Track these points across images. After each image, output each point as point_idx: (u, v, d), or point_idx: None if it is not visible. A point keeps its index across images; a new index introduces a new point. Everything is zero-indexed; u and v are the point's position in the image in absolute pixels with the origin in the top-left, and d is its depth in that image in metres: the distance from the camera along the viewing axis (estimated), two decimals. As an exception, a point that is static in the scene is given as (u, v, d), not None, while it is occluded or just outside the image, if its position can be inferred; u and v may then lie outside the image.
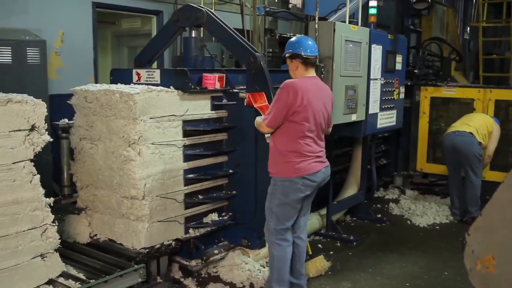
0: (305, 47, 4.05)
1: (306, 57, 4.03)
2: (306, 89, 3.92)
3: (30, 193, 3.67)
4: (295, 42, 4.12)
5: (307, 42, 4.10)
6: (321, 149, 4.11)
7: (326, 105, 4.11)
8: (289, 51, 4.10)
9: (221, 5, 8.70)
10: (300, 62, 4.06)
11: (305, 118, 3.91)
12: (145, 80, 4.87)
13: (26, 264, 3.67)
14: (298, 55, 4.04)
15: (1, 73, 5.55)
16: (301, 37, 4.24)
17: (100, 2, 7.20)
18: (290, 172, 3.98)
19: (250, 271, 4.72)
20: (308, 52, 4.04)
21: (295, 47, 4.08)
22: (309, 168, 3.98)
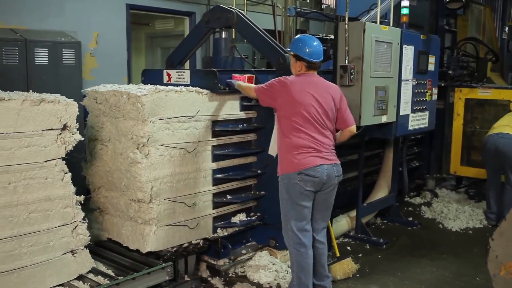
0: (312, 52, 4.03)
1: (312, 62, 4.04)
2: (295, 83, 3.98)
3: (62, 190, 3.76)
4: (302, 44, 4.07)
5: (313, 45, 4.05)
6: (323, 144, 3.99)
7: (322, 100, 4.01)
8: (296, 53, 4.07)
9: (253, 6, 8.73)
10: (305, 65, 4.07)
11: (294, 112, 3.92)
12: (176, 81, 4.93)
13: (57, 259, 3.76)
14: (303, 59, 4.04)
15: (38, 74, 5.71)
16: (308, 38, 4.16)
17: (133, 3, 7.33)
18: (287, 167, 3.97)
19: (277, 272, 4.72)
20: (314, 58, 4.04)
21: (302, 50, 4.04)
22: (305, 163, 3.91)
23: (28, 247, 3.58)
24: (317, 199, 4.08)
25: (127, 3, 7.23)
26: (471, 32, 9.36)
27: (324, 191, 4.05)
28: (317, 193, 4.04)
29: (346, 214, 5.96)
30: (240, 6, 7.66)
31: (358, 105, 4.81)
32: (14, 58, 5.51)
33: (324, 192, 4.06)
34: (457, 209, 6.91)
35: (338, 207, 5.98)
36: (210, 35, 5.50)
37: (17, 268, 3.53)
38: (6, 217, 3.45)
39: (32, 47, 5.64)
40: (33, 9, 6.12)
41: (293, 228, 4.04)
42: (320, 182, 3.96)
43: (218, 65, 5.28)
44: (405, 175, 6.70)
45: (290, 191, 3.98)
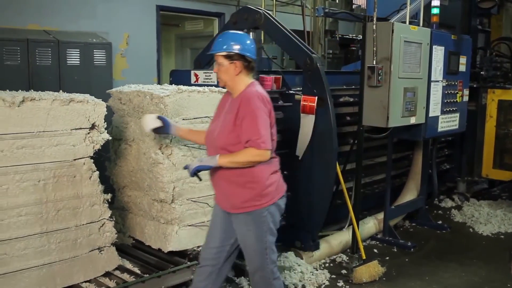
0: (249, 46, 3.29)
1: (251, 60, 3.30)
2: (268, 98, 3.32)
3: (90, 188, 3.83)
4: (237, 38, 3.29)
5: (249, 41, 3.34)
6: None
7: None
8: (229, 50, 3.23)
9: (283, 6, 8.73)
10: (244, 66, 3.27)
11: (274, 132, 3.37)
12: (203, 81, 4.97)
13: (85, 256, 3.83)
14: (243, 56, 3.25)
15: (70, 74, 5.84)
16: (242, 33, 3.48)
17: (164, 5, 7.42)
18: (277, 193, 3.36)
19: (302, 273, 4.71)
20: (253, 55, 3.32)
21: (250, 49, 3.29)
22: (283, 185, 3.47)
23: (56, 243, 3.66)
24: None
25: (157, 4, 7.32)
26: (506, 31, 9.15)
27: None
28: None
29: (373, 216, 5.90)
30: (269, 7, 7.67)
31: (386, 106, 4.76)
32: (47, 59, 5.65)
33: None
34: (488, 213, 6.76)
35: (365, 209, 5.94)
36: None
37: (46, 264, 3.61)
38: (36, 214, 3.54)
39: (65, 48, 5.77)
40: (65, 11, 6.26)
41: (274, 260, 3.44)
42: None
43: (245, 66, 5.28)
44: (434, 177, 6.58)
45: (276, 220, 3.41)
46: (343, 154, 5.33)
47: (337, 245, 5.26)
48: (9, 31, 5.54)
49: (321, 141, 4.76)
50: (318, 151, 4.81)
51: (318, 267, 4.96)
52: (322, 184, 4.85)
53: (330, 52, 7.71)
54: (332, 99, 4.77)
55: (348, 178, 5.36)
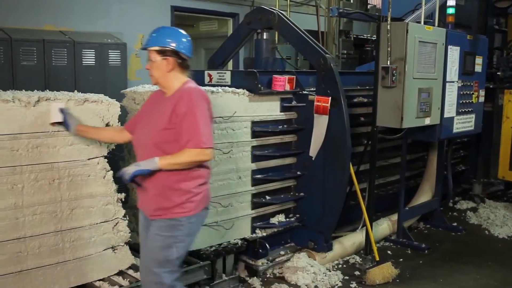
0: (185, 44, 3.13)
1: (186, 57, 3.14)
2: (207, 96, 3.17)
3: (103, 188, 3.86)
4: (172, 34, 3.14)
5: (185, 37, 3.17)
6: None
7: None
8: (163, 45, 3.08)
9: (297, 7, 8.71)
10: (178, 63, 3.13)
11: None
12: (217, 81, 4.98)
13: (98, 255, 3.86)
14: (177, 53, 3.10)
15: (86, 74, 5.89)
16: (178, 30, 3.25)
17: (178, 5, 7.44)
18: (202, 203, 3.15)
19: (315, 274, 4.69)
20: (188, 51, 3.15)
21: (184, 44, 3.13)
22: (209, 195, 3.27)
23: (71, 242, 3.69)
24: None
25: (171, 5, 7.36)
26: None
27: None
28: None
29: (387, 217, 5.86)
30: (283, 7, 7.66)
31: (400, 107, 4.73)
32: (63, 59, 5.71)
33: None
34: (504, 215, 6.67)
35: (379, 211, 5.91)
36: (252, 36, 5.53)
37: (60, 262, 3.64)
38: (50, 212, 3.57)
39: (80, 48, 5.82)
40: (81, 12, 6.31)
41: (176, 274, 3.17)
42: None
43: (259, 66, 5.30)
44: (449, 179, 6.53)
45: (193, 231, 3.18)
46: (357, 155, 5.31)
47: (351, 246, 5.24)
48: (26, 32, 5.61)
49: (335, 141, 4.75)
50: (332, 152, 4.80)
51: (331, 268, 4.94)
52: (335, 185, 4.83)
53: (345, 52, 7.69)
54: (346, 99, 4.75)
55: (362, 179, 5.33)
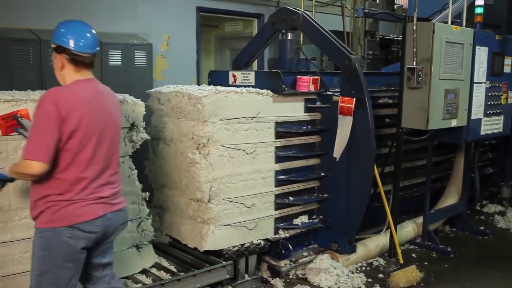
0: (77, 37, 2.82)
1: (76, 53, 2.81)
2: (77, 98, 2.74)
3: (128, 187, 3.91)
4: (62, 28, 2.86)
5: (81, 30, 2.87)
6: (106, 182, 2.87)
7: (116, 117, 2.98)
8: (53, 42, 2.85)
9: (323, 7, 8.67)
10: (66, 59, 2.82)
11: (81, 142, 2.73)
12: (241, 82, 4.99)
13: (123, 253, 3.92)
14: (65, 49, 2.81)
15: (112, 75, 5.95)
16: (74, 22, 2.94)
17: (203, 6, 7.48)
18: (55, 219, 2.76)
19: (338, 276, 4.66)
20: (81, 47, 2.81)
21: (61, 36, 2.83)
22: (80, 214, 2.77)
23: (96, 240, 3.75)
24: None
25: (197, 6, 7.39)
26: (555, 32, 8.78)
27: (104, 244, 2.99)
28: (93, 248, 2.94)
29: (412, 220, 5.79)
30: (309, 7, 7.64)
31: (426, 108, 4.66)
32: (90, 60, 5.77)
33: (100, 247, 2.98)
34: (534, 219, 6.54)
35: (404, 213, 5.85)
36: (276, 36, 5.53)
37: (85, 260, 3.70)
38: (76, 210, 3.62)
39: (107, 49, 5.89)
40: (108, 13, 6.39)
41: None
42: (99, 236, 2.87)
43: (283, 67, 5.29)
44: (477, 181, 6.41)
45: (50, 249, 2.77)
46: (382, 157, 5.26)
47: (374, 249, 5.19)
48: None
49: (359, 143, 4.71)
50: (356, 153, 4.76)
51: (354, 270, 4.91)
52: (359, 186, 4.79)
53: (370, 53, 7.62)
54: (371, 100, 4.71)
55: (387, 181, 5.28)
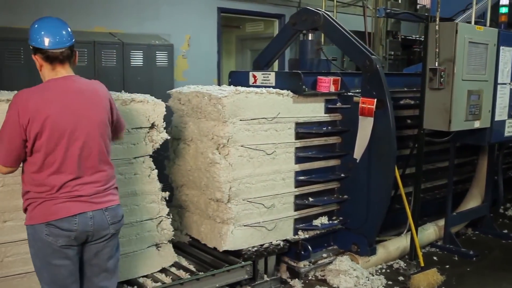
0: (48, 34, 2.78)
1: (49, 50, 2.77)
2: (43, 99, 2.71)
3: (148, 186, 3.94)
4: (35, 28, 2.82)
5: (50, 26, 2.82)
6: (87, 181, 2.83)
7: (93, 115, 2.85)
8: (29, 43, 2.83)
9: (344, 7, 8.63)
10: (41, 57, 2.80)
11: (48, 143, 2.71)
12: (261, 82, 4.99)
13: (143, 252, 3.95)
14: (38, 48, 2.79)
15: (134, 75, 6.03)
16: (44, 19, 2.89)
17: (225, 7, 7.50)
18: (32, 217, 2.80)
19: (357, 278, 4.63)
20: (52, 43, 2.77)
21: (34, 36, 2.80)
22: (55, 211, 2.75)
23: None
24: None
25: (218, 6, 7.42)
26: None
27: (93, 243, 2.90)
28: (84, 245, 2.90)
29: (434, 222, 5.72)
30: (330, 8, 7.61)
31: (448, 109, 4.60)
32: (112, 60, 5.85)
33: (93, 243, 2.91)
34: (560, 223, 6.41)
35: (425, 215, 5.78)
36: (297, 37, 5.51)
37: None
38: (97, 209, 3.67)
39: (129, 49, 5.96)
40: (131, 14, 6.46)
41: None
42: (80, 235, 2.81)
43: (303, 67, 5.28)
44: (500, 184, 6.29)
45: (37, 246, 2.81)
46: (403, 158, 5.20)
47: (395, 251, 5.14)
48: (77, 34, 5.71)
49: (380, 144, 4.67)
50: (377, 154, 4.72)
51: (374, 273, 4.87)
52: (380, 188, 4.75)
53: (392, 53, 7.55)
54: (392, 101, 4.67)
55: (408, 183, 5.22)
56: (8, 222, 3.31)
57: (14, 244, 3.35)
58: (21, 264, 3.38)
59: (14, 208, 3.31)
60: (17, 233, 3.32)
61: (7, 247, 3.33)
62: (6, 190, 3.29)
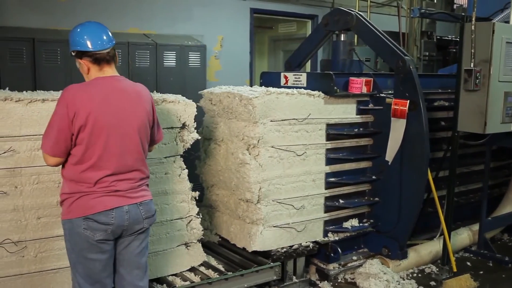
0: (93, 37, 2.90)
1: (96, 52, 2.89)
2: (89, 94, 2.82)
3: (178, 185, 3.98)
4: (77, 33, 2.93)
5: (93, 30, 2.94)
6: (123, 178, 2.91)
7: (133, 115, 2.94)
8: (73, 48, 2.94)
9: (378, 8, 8.53)
10: (89, 60, 2.91)
11: (90, 137, 2.81)
12: (292, 83, 4.98)
13: (172, 250, 3.99)
14: (85, 52, 2.90)
15: (167, 76, 6.10)
16: (85, 24, 3.00)
17: (257, 8, 7.52)
18: (70, 211, 2.88)
19: (388, 281, 4.57)
20: (97, 46, 2.89)
21: (78, 41, 2.91)
22: (93, 206, 2.84)
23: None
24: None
25: (251, 7, 7.44)
26: None
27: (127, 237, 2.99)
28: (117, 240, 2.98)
29: (468, 227, 5.59)
30: (364, 8, 7.54)
31: (484, 112, 4.49)
32: (145, 61, 5.94)
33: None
34: None
35: (459, 220, 5.67)
36: (329, 38, 5.48)
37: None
38: (128, 207, 3.72)
39: (162, 50, 6.03)
40: (164, 15, 6.54)
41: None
42: (117, 229, 2.89)
43: (335, 68, 5.24)
44: (539, 189, 6.11)
45: (74, 241, 2.89)
46: (436, 161, 5.12)
47: (427, 255, 5.05)
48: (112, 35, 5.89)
49: (412, 146, 4.60)
50: (409, 157, 4.65)
51: (405, 277, 4.80)
52: (412, 191, 4.68)
53: (427, 54, 7.44)
54: (426, 103, 4.59)
55: (441, 186, 5.13)
56: (42, 218, 3.40)
57: (47, 240, 3.43)
58: (55, 260, 3.46)
59: (48, 205, 3.40)
60: (51, 230, 3.42)
61: (41, 243, 3.41)
62: (40, 188, 3.37)
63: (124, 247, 2.98)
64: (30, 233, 3.37)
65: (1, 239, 3.28)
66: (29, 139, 3.31)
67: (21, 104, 3.27)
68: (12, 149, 3.26)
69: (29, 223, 3.36)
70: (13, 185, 3.31)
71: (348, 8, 5.15)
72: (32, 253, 3.39)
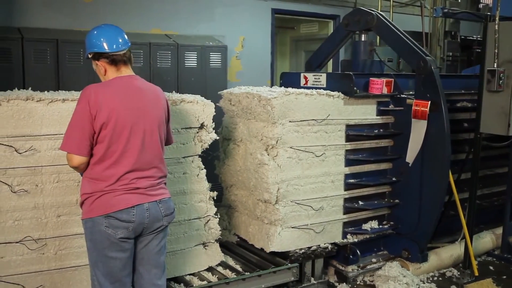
0: (109, 39, 2.99)
1: (113, 54, 2.98)
2: (110, 93, 2.89)
3: (197, 185, 4.00)
4: (94, 35, 3.02)
5: (110, 32, 3.04)
6: (143, 175, 2.95)
7: (152, 112, 3.00)
8: (90, 50, 3.03)
9: (401, 7, 8.45)
10: (106, 62, 3.00)
11: (112, 135, 2.85)
12: (312, 84, 4.96)
13: (190, 250, 4.01)
14: (102, 54, 2.98)
15: (188, 76, 6.13)
16: (102, 26, 3.10)
17: (279, 8, 7.51)
18: (91, 210, 2.90)
19: (407, 284, 4.52)
20: (114, 47, 2.98)
21: (95, 43, 3.00)
22: (114, 203, 2.87)
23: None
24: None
25: (272, 7, 7.43)
26: None
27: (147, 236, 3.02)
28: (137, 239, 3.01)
29: (490, 230, 5.50)
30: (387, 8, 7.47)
31: (507, 113, 4.41)
32: (167, 61, 5.98)
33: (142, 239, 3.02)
34: None
35: (482, 223, 5.57)
36: (350, 38, 5.45)
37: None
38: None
39: (183, 51, 6.07)
40: (185, 16, 6.58)
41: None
42: (138, 227, 2.93)
43: (356, 69, 5.21)
44: None
45: (95, 239, 2.91)
46: (458, 163, 5.04)
47: (448, 258, 4.98)
48: (134, 36, 5.93)
49: (433, 148, 4.54)
50: (430, 159, 4.59)
51: (425, 280, 4.73)
52: (432, 193, 4.62)
53: (450, 54, 7.33)
54: (447, 104, 4.52)
55: (464, 189, 5.05)
56: (62, 216, 3.45)
57: (67, 238, 3.49)
58: (74, 257, 3.51)
59: (68, 203, 3.46)
60: (71, 228, 3.47)
61: (61, 241, 3.47)
62: (61, 186, 3.43)
63: (143, 246, 3.01)
64: (50, 231, 3.43)
65: (22, 237, 3.35)
66: (50, 138, 3.36)
67: (42, 104, 3.33)
68: (33, 148, 3.32)
69: (49, 221, 3.42)
70: (34, 183, 3.37)
71: (369, 8, 5.11)
72: (52, 250, 3.45)
